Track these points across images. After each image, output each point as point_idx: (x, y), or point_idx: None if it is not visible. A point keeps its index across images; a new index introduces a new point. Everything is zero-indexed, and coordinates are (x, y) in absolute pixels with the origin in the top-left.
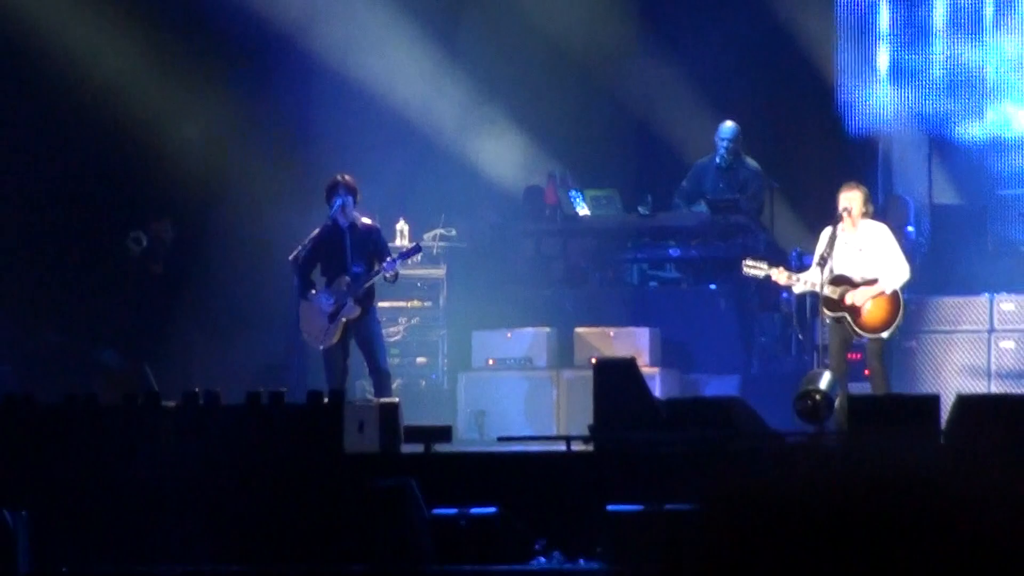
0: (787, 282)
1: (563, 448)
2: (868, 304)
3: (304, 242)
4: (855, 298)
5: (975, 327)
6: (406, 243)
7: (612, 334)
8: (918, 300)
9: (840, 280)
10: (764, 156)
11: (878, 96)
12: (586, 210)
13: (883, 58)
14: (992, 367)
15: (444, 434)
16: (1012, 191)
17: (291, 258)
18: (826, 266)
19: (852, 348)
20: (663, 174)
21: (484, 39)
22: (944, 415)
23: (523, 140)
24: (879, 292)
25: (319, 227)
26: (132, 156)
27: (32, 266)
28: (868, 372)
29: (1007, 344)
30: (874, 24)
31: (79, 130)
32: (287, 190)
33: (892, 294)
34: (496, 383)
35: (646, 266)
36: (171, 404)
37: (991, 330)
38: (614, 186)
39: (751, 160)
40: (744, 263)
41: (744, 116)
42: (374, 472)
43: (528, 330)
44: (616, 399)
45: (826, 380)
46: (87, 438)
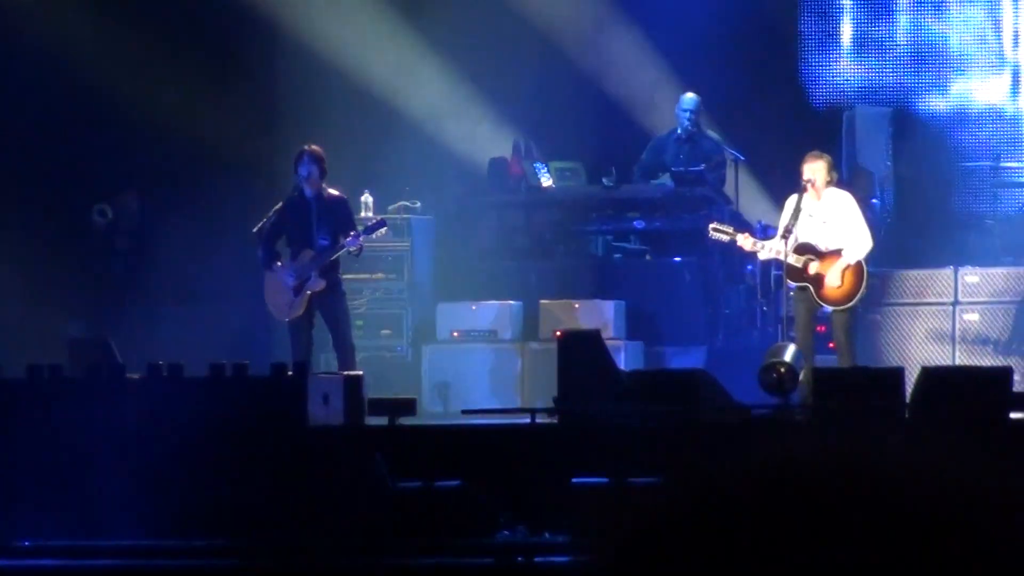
0: (752, 248)
1: (528, 421)
2: (832, 275)
3: (269, 214)
4: (819, 268)
5: (940, 299)
6: (371, 215)
7: (577, 306)
8: (883, 273)
9: (804, 249)
10: (728, 129)
11: (842, 69)
12: (551, 182)
13: (847, 31)
14: (957, 339)
15: (408, 407)
16: (976, 163)
17: (256, 229)
18: (791, 235)
19: (819, 320)
20: (627, 146)
21: (450, 13)
22: (909, 387)
23: (488, 112)
24: (844, 264)
25: (285, 198)
26: (97, 128)
27: None
28: (833, 345)
29: (971, 316)
30: None
31: (42, 101)
32: (254, 162)
33: (856, 265)
34: (461, 355)
35: (611, 238)
36: (135, 376)
37: (955, 302)
38: (578, 158)
39: (712, 132)
40: (711, 227)
41: (708, 89)
42: (338, 444)
43: (493, 302)
44: (581, 371)
45: (790, 352)
46: (50, 410)
